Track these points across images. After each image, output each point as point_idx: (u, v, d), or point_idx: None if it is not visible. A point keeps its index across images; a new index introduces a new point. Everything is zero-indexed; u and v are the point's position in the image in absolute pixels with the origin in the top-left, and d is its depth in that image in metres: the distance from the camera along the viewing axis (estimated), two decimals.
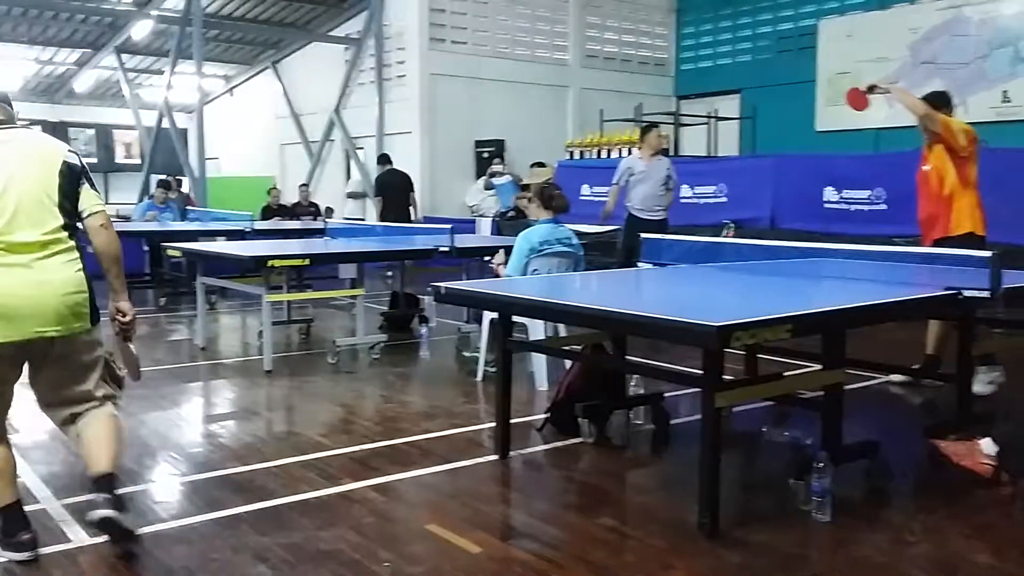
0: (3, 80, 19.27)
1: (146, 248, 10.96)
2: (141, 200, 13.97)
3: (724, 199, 10.76)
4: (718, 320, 3.02)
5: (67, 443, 4.56)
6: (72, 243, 3.21)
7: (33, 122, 20.96)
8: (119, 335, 3.49)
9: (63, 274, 3.16)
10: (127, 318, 3.41)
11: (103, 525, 3.11)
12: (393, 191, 12.52)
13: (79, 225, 3.27)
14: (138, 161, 21.20)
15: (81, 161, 3.28)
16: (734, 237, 8.74)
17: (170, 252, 8.69)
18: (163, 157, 17.88)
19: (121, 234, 10.57)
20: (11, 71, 19.78)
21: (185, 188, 16.04)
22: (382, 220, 11.75)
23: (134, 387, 5.97)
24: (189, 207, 13.90)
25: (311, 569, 3.11)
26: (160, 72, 19.35)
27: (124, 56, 19.29)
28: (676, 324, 3.14)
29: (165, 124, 17.54)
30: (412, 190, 13.00)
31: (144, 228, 11.09)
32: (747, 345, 3.81)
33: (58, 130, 21.50)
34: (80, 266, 3.21)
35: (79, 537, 3.34)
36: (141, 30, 17.41)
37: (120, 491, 3.27)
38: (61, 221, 3.17)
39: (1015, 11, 13.86)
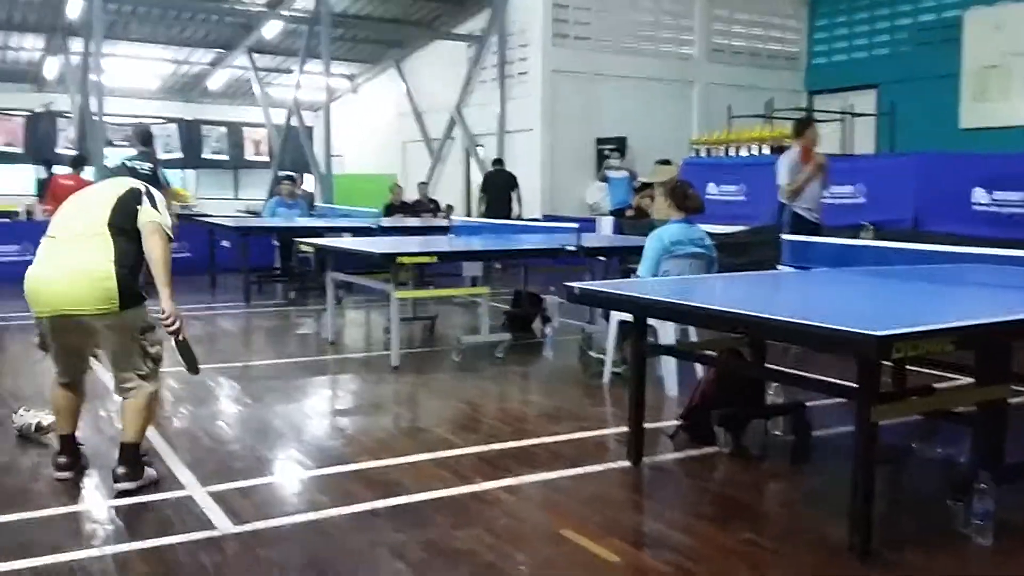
0: (142, 80, 20.34)
1: (276, 243, 11.31)
2: (270, 197, 14.42)
3: (862, 200, 10.27)
4: (878, 329, 2.84)
5: (208, 431, 4.73)
6: (110, 238, 3.69)
7: (169, 120, 22.15)
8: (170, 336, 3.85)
9: (94, 265, 3.65)
10: (166, 318, 3.75)
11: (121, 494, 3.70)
12: (495, 189, 13.62)
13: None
14: (267, 158, 21.98)
15: (150, 192, 3.88)
16: (873, 240, 8.33)
17: (301, 247, 8.93)
18: (290, 154, 18.47)
19: (252, 229, 10.85)
20: (150, 71, 20.83)
21: (308, 186, 16.48)
22: (485, 217, 12.38)
23: (268, 379, 6.19)
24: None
25: (448, 568, 3.09)
26: (289, 71, 19.99)
27: (255, 56, 20.01)
28: (832, 332, 2.97)
29: (293, 122, 18.09)
30: (515, 188, 13.77)
31: (274, 224, 11.43)
32: (902, 357, 3.58)
33: (192, 128, 22.57)
34: (114, 259, 3.65)
35: (223, 525, 3.42)
36: (272, 30, 18.03)
37: (136, 458, 3.78)
38: (107, 220, 3.72)
39: None
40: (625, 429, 4.32)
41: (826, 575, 3.09)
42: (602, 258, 7.79)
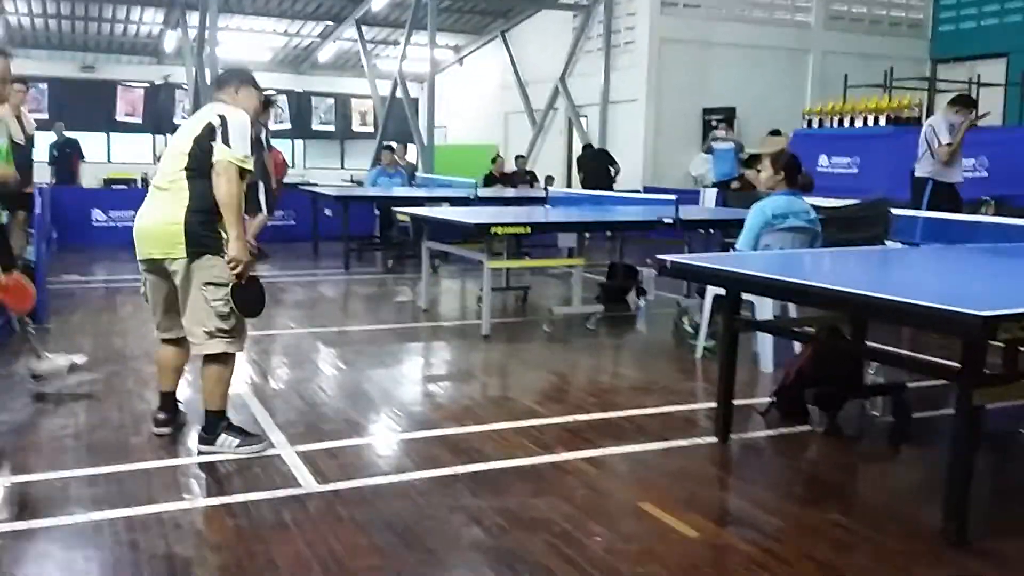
0: (255, 52, 20.90)
1: (376, 212, 11.49)
2: (373, 166, 14.66)
3: (984, 173, 9.71)
4: (983, 309, 2.67)
5: (302, 393, 4.85)
6: (186, 184, 3.69)
7: (279, 91, 22.62)
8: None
9: (164, 209, 3.73)
10: (229, 262, 3.70)
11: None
12: (590, 168, 14.04)
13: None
14: (372, 129, 22.34)
15: (224, 122, 3.71)
16: (994, 215, 7.87)
17: (399, 216, 9.04)
18: (395, 125, 18.74)
19: (353, 198, 11.01)
20: (262, 43, 21.40)
21: (411, 156, 16.67)
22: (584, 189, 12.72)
23: (362, 344, 6.31)
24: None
25: (524, 536, 3.08)
26: (396, 43, 20.22)
27: (363, 28, 20.29)
28: (934, 311, 2.80)
29: (398, 94, 18.31)
30: (612, 163, 14.11)
31: (374, 193, 11.62)
32: (1011, 338, 3.36)
33: (302, 99, 23.11)
34: (186, 204, 3.67)
35: (308, 483, 3.50)
36: (380, 2, 18.23)
37: (212, 423, 3.84)
38: (184, 166, 3.70)
39: None
40: (715, 405, 4.22)
41: (918, 561, 2.94)
42: (701, 231, 7.62)
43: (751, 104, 15.37)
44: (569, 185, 16.79)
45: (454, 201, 9.70)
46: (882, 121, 11.87)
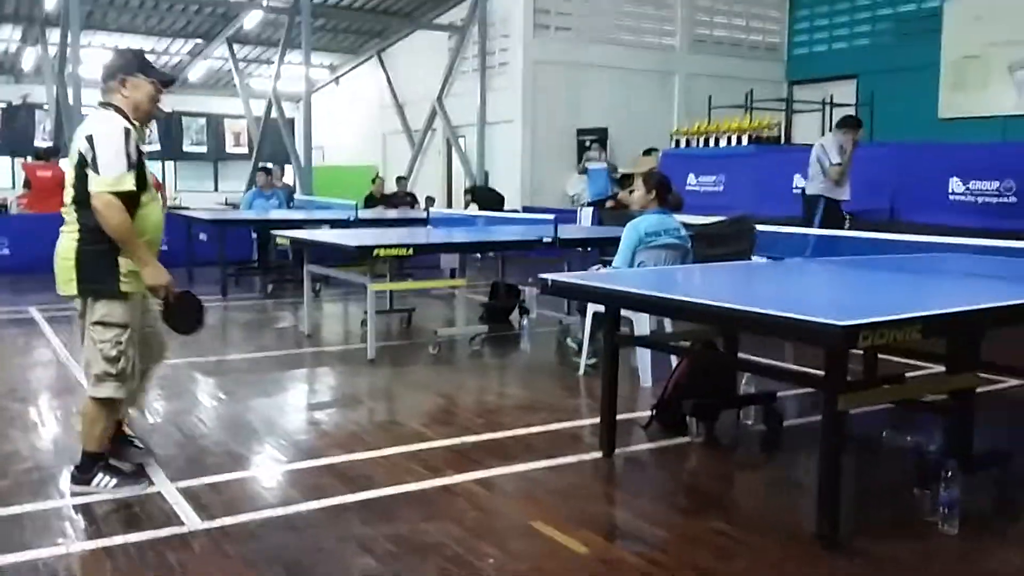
0: None
1: (254, 235, 11.23)
2: (249, 188, 14.34)
3: None
4: (844, 319, 2.84)
5: (181, 426, 4.70)
6: (75, 216, 3.53)
7: None
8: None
9: (61, 243, 3.58)
10: (154, 292, 3.63)
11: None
12: (485, 196, 14.20)
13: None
14: (246, 150, 21.85)
15: (91, 144, 3.46)
16: (851, 230, 8.36)
17: (278, 240, 8.88)
18: (271, 146, 18.39)
19: (229, 222, 10.73)
20: None
21: (288, 178, 16.39)
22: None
23: (242, 373, 6.16)
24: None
25: (416, 562, 3.08)
26: (269, 62, 19.87)
27: (235, 46, 19.87)
28: (798, 322, 2.98)
29: (273, 114, 17.99)
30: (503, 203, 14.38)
31: (251, 216, 11.36)
32: (871, 346, 3.60)
33: (172, 120, 22.39)
34: (77, 237, 3.52)
35: (192, 520, 3.39)
36: (252, 20, 17.91)
37: (87, 463, 3.67)
38: (71, 197, 3.55)
39: None
40: (599, 420, 4.33)
41: (792, 564, 3.10)
42: (580, 249, 7.79)
43: (622, 125, 15.87)
44: (450, 206, 16.86)
45: (334, 223, 9.59)
46: (744, 140, 12.51)
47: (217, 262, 9.85)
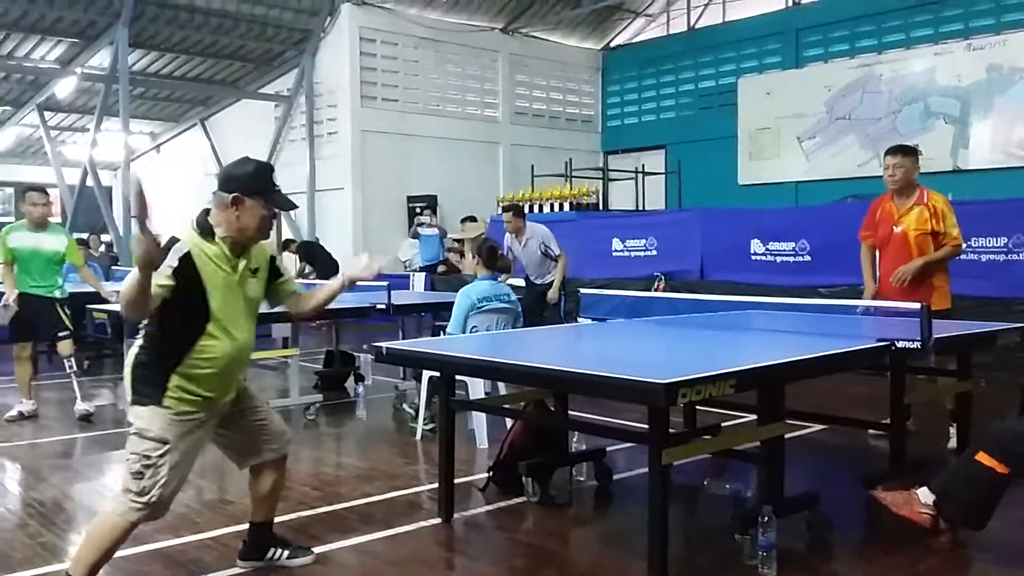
0: None
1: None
2: None
3: (654, 252, 10.95)
4: (664, 377, 3.02)
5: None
6: (145, 323, 3.33)
7: None
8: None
9: (128, 352, 3.42)
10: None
11: None
12: (321, 256, 13.84)
13: None
14: (59, 220, 20.61)
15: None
16: (665, 290, 8.88)
17: (95, 314, 8.43)
18: (86, 215, 17.46)
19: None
20: None
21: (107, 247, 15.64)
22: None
23: (57, 457, 5.77)
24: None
25: None
26: (84, 129, 18.97)
27: (47, 113, 18.87)
28: (622, 382, 3.13)
29: (89, 182, 17.15)
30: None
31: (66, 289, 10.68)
32: (690, 401, 3.83)
33: None
34: (140, 344, 3.32)
35: None
36: (65, 88, 17.09)
37: None
38: None
39: (922, 68, 14.60)
40: (437, 486, 4.36)
41: None
42: (414, 314, 7.86)
43: (451, 192, 16.22)
44: None
45: None
46: (566, 207, 13.16)
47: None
